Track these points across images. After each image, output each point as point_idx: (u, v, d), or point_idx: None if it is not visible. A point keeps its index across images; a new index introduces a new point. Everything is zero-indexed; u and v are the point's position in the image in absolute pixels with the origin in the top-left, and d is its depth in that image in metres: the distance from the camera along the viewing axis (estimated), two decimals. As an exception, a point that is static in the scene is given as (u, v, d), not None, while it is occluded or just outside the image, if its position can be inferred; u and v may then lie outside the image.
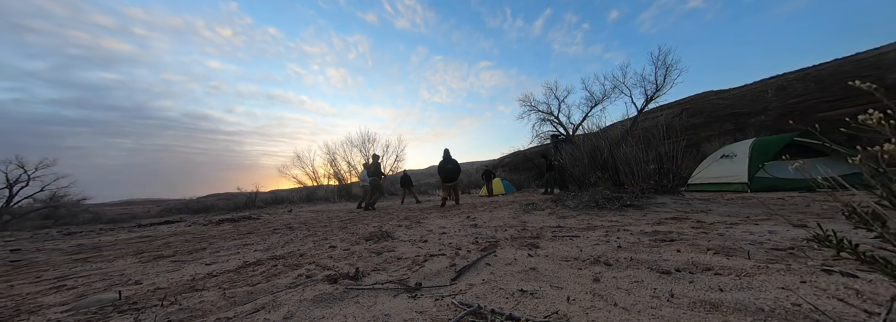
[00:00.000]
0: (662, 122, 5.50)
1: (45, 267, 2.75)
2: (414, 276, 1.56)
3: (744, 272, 1.28)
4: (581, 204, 4.10)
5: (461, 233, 2.90)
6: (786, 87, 14.31)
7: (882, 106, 0.60)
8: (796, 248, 1.58)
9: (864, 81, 0.65)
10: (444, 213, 5.34)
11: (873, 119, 0.61)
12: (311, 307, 1.24)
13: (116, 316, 1.35)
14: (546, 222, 3.19)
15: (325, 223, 4.92)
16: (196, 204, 17.42)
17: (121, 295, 1.64)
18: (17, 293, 1.88)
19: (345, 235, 3.29)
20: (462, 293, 1.28)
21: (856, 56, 13.73)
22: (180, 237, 4.42)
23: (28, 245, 4.62)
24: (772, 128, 12.26)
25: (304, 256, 2.33)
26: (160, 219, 10.45)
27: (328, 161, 21.01)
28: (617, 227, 2.58)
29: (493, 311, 1.05)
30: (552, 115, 16.39)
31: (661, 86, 13.52)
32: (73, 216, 13.65)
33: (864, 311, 0.89)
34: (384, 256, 2.10)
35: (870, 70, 11.79)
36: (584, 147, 6.04)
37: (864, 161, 0.64)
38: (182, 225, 7.05)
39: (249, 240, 3.58)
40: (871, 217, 0.65)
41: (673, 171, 4.89)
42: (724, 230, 2.18)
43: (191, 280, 1.89)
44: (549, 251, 1.90)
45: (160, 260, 2.70)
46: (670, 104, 17.54)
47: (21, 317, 1.42)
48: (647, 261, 1.54)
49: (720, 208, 3.32)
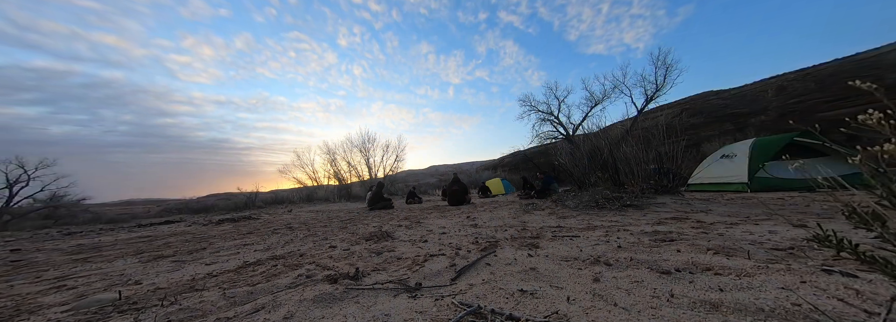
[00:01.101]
0: (662, 122, 5.51)
1: (45, 267, 2.75)
2: (414, 276, 1.56)
3: (744, 272, 1.28)
4: (581, 204, 4.10)
5: (461, 233, 2.90)
6: (786, 87, 14.32)
7: (882, 106, 0.60)
8: (796, 248, 1.58)
9: (864, 81, 0.65)
10: (444, 213, 5.34)
11: (873, 119, 0.61)
12: (311, 307, 1.24)
13: (116, 316, 1.35)
14: (546, 222, 3.19)
15: (325, 223, 4.92)
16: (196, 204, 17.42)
17: (121, 295, 1.64)
18: (17, 293, 1.88)
19: (345, 235, 3.29)
20: (462, 293, 1.28)
21: (856, 56, 13.73)
22: (180, 237, 4.42)
23: (28, 245, 4.61)
24: (772, 128, 12.27)
25: (304, 256, 2.33)
26: (160, 219, 10.45)
27: (328, 161, 21.01)
28: (617, 227, 2.58)
29: (493, 311, 1.05)
30: (552, 115, 16.40)
31: (661, 86, 13.55)
32: (73, 216, 13.65)
33: (864, 311, 0.89)
34: (384, 256, 2.10)
35: (870, 70, 11.79)
36: (584, 147, 6.05)
37: (864, 161, 0.64)
38: (182, 225, 7.05)
39: (249, 240, 3.58)
40: (871, 217, 0.65)
41: (673, 171, 4.90)
42: (724, 230, 2.18)
43: (191, 280, 1.89)
44: (549, 251, 1.90)
45: (160, 260, 2.70)
46: (670, 104, 17.56)
47: (21, 317, 1.42)
48: (647, 261, 1.54)
49: (720, 208, 3.32)
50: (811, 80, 13.65)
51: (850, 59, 13.72)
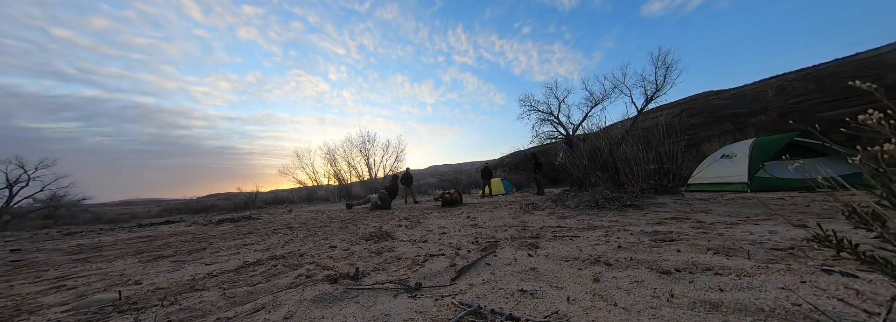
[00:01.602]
0: (662, 122, 5.50)
1: (45, 267, 2.75)
2: (414, 276, 1.56)
3: (744, 272, 1.28)
4: (581, 204, 4.10)
5: (461, 233, 2.90)
6: (786, 87, 14.31)
7: (882, 106, 0.60)
8: (796, 248, 1.58)
9: (864, 81, 0.65)
10: (444, 213, 5.34)
11: (873, 119, 0.61)
12: (311, 307, 1.24)
13: (116, 316, 1.35)
14: (546, 222, 3.18)
15: (325, 223, 4.92)
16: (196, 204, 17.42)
17: (121, 295, 1.64)
18: (18, 293, 1.88)
19: (345, 235, 3.29)
20: (462, 293, 1.28)
21: (856, 56, 13.72)
22: (180, 237, 4.42)
23: (28, 245, 4.61)
24: (772, 128, 12.27)
25: (304, 256, 2.33)
26: (160, 219, 10.45)
27: (328, 161, 21.00)
28: (617, 227, 2.58)
29: (493, 311, 1.05)
30: (552, 115, 16.41)
31: (661, 86, 13.56)
32: (72, 216, 13.64)
33: (864, 311, 0.89)
34: (384, 256, 2.10)
35: (870, 70, 11.78)
36: (584, 147, 6.05)
37: (864, 161, 0.64)
38: (182, 225, 7.05)
39: (249, 240, 3.58)
40: (871, 217, 0.65)
41: (673, 171, 4.89)
42: (724, 230, 2.18)
43: (191, 280, 1.89)
44: (549, 251, 1.90)
45: (160, 260, 2.70)
46: (670, 104, 17.56)
47: (21, 317, 1.42)
48: (647, 261, 1.54)
49: (720, 208, 3.32)
50: (811, 80, 13.64)
51: (850, 59, 13.70)
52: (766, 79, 16.62)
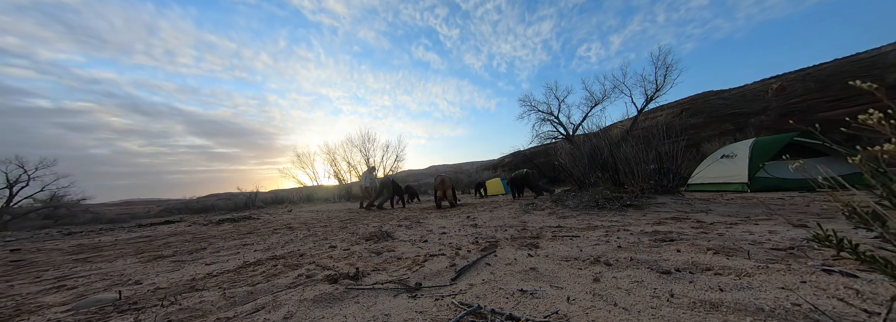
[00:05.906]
0: (662, 122, 5.51)
1: (45, 267, 2.75)
2: (414, 276, 1.56)
3: (744, 272, 1.28)
4: (581, 204, 4.10)
5: (461, 233, 2.90)
6: (786, 87, 14.31)
7: (882, 106, 0.60)
8: (796, 248, 1.58)
9: (864, 81, 0.65)
10: (444, 213, 5.34)
11: (873, 119, 0.61)
12: (311, 307, 1.24)
13: (116, 316, 1.35)
14: (546, 222, 3.18)
15: (325, 223, 4.92)
16: (196, 204, 17.40)
17: (121, 295, 1.64)
18: (18, 293, 1.88)
19: (345, 235, 3.29)
20: (462, 293, 1.28)
21: (856, 56, 13.72)
22: (180, 237, 4.42)
23: (28, 245, 4.61)
24: (772, 128, 12.27)
25: (304, 256, 2.32)
26: (160, 219, 10.45)
27: (328, 161, 21.02)
28: (617, 227, 2.58)
29: (493, 311, 1.05)
30: (552, 115, 16.39)
31: (661, 86, 13.54)
32: (73, 216, 13.63)
33: (864, 311, 0.89)
34: (384, 256, 2.10)
35: (870, 70, 11.79)
36: (584, 147, 6.05)
37: (864, 161, 0.64)
38: (182, 225, 7.05)
39: (249, 240, 3.58)
40: (871, 217, 0.65)
41: (673, 171, 4.89)
42: (724, 230, 2.18)
43: (191, 280, 1.89)
44: (549, 251, 1.90)
45: (160, 260, 2.70)
46: (670, 104, 17.56)
47: (21, 317, 1.42)
48: (647, 261, 1.54)
49: (720, 208, 3.32)
50: (811, 80, 13.64)
51: (850, 59, 13.70)
52: (766, 79, 16.62)
